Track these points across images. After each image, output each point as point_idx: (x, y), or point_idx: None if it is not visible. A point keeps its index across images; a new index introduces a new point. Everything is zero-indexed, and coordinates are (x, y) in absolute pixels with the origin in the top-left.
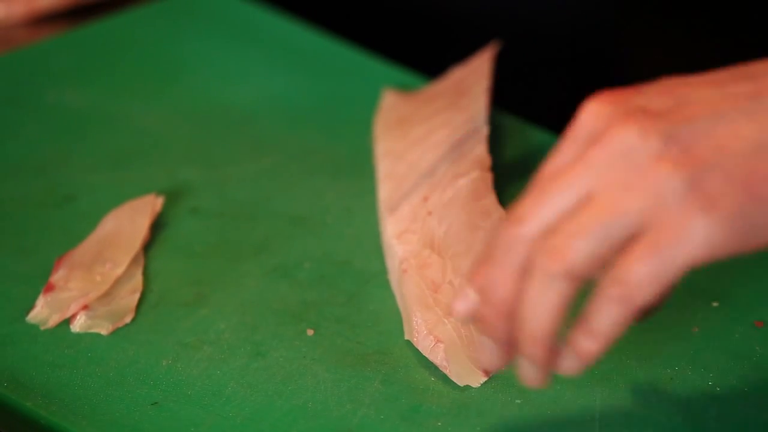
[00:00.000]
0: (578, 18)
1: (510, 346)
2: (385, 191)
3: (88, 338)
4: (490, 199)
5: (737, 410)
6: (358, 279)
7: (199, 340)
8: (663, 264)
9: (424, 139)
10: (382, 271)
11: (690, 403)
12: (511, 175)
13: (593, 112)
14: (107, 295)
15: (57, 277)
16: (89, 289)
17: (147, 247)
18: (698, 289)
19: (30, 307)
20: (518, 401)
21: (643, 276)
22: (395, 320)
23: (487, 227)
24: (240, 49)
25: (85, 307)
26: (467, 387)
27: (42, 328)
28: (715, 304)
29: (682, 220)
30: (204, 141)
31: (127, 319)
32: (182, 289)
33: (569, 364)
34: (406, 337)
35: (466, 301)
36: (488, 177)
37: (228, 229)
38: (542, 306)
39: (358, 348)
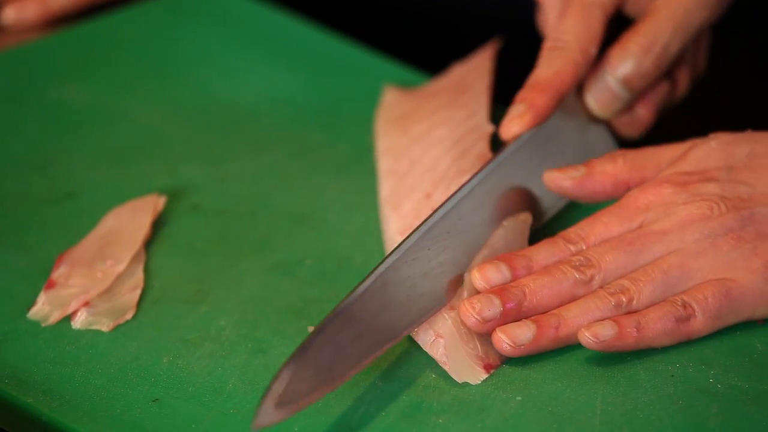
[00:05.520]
0: None
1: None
2: (386, 188)
3: (89, 335)
4: None
5: (738, 407)
6: (359, 276)
7: (200, 336)
8: None
9: (425, 136)
10: None
11: (691, 400)
12: None
13: None
14: (108, 291)
15: (58, 274)
16: (90, 285)
17: (148, 244)
18: None
19: (31, 303)
20: (519, 398)
21: None
22: None
23: None
24: (241, 46)
25: (86, 304)
26: (468, 384)
27: (43, 324)
28: None
29: None
30: (205, 138)
31: (128, 316)
32: (183, 286)
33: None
34: None
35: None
36: None
37: (229, 226)
38: None
39: None
